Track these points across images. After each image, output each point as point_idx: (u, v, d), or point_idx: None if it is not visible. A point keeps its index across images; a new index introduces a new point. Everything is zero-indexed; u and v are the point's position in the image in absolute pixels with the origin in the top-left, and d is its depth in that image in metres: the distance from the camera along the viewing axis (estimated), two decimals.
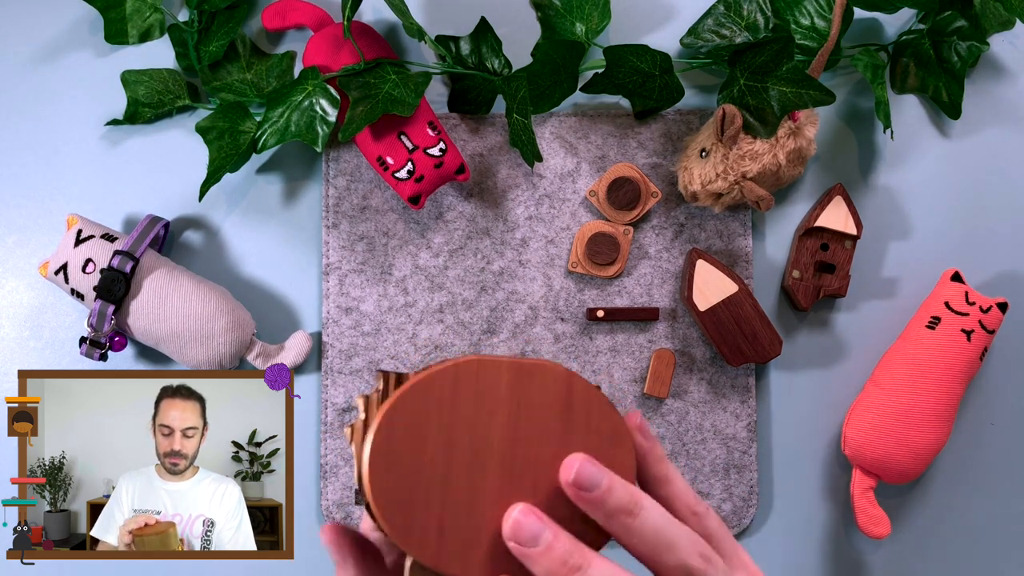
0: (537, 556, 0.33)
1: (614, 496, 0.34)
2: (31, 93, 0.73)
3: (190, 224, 0.73)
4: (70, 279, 0.66)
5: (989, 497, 0.71)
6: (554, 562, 0.33)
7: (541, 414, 0.34)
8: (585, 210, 0.72)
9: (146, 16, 0.73)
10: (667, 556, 0.34)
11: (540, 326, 0.71)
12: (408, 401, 0.33)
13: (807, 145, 0.67)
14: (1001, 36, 0.74)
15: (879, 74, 0.68)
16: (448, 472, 0.33)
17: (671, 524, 0.34)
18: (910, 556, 0.71)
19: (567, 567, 0.33)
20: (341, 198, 0.71)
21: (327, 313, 0.71)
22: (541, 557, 0.33)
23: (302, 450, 0.71)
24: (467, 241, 0.71)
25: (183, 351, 0.67)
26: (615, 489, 0.34)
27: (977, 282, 0.72)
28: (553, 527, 0.33)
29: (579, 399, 0.35)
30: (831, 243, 0.70)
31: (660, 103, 0.71)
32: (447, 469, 0.33)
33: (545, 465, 0.34)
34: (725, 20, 0.71)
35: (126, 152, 0.73)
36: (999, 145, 0.73)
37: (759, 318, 0.68)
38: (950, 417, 0.67)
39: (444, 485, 0.33)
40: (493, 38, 0.71)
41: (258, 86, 0.72)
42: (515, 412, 0.34)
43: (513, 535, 0.33)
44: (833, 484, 0.71)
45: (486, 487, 0.34)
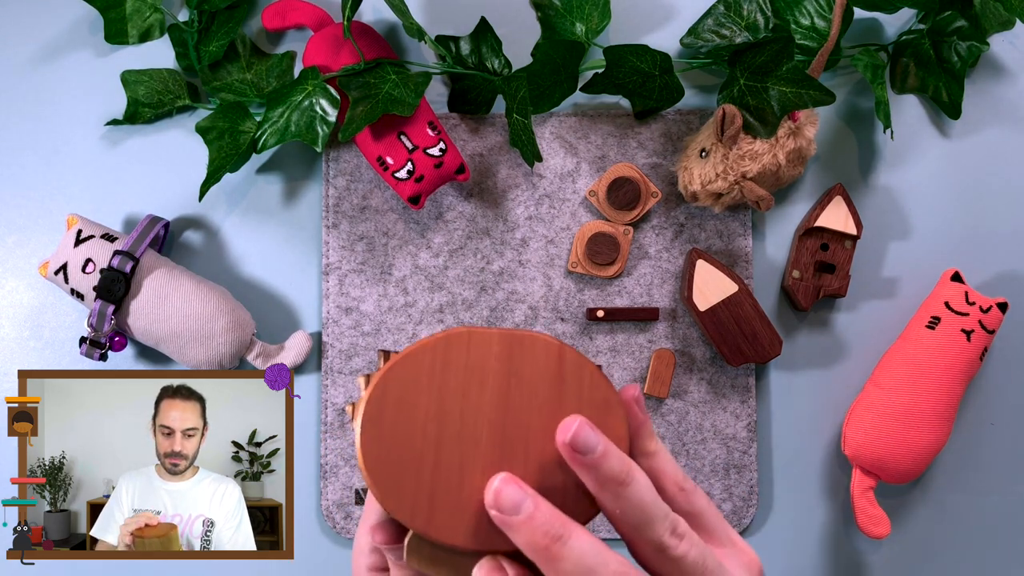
0: (518, 525, 0.33)
1: (608, 462, 0.33)
2: (31, 93, 0.73)
3: (190, 224, 0.73)
4: (70, 279, 0.66)
5: (989, 497, 0.71)
6: (535, 531, 0.33)
7: (532, 384, 0.35)
8: (585, 210, 0.72)
9: (146, 16, 0.73)
10: (646, 531, 0.34)
11: (540, 326, 0.71)
12: (399, 372, 0.34)
13: (807, 145, 0.67)
14: (1001, 36, 0.74)
15: (879, 74, 0.68)
16: (439, 442, 0.33)
17: (654, 500, 0.34)
18: (910, 556, 0.71)
19: (548, 536, 0.32)
20: (341, 198, 0.71)
21: (327, 313, 0.71)
22: (522, 526, 0.33)
23: (302, 450, 0.71)
24: (467, 241, 0.71)
25: (183, 351, 0.67)
26: (610, 455, 0.33)
27: (977, 282, 0.72)
28: (535, 496, 0.33)
29: (570, 369, 0.35)
30: (831, 243, 0.70)
31: (660, 103, 0.71)
32: (438, 439, 0.33)
33: (536, 435, 0.34)
34: (725, 20, 0.71)
35: (126, 152, 0.73)
36: (999, 145, 0.73)
37: (759, 318, 0.68)
38: (950, 417, 0.67)
39: (435, 454, 0.33)
40: (493, 38, 0.71)
41: (258, 86, 0.72)
42: (506, 382, 0.34)
43: (495, 503, 0.33)
44: (833, 484, 0.71)
45: (477, 456, 0.34)
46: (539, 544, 0.32)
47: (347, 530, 0.70)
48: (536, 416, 0.35)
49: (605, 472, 0.33)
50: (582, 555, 0.32)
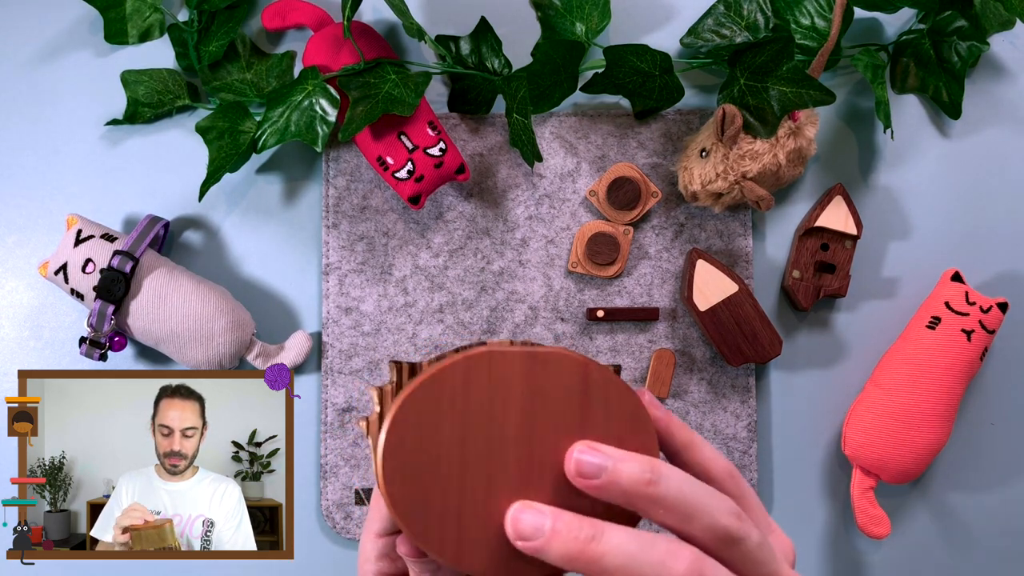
0: (546, 545, 0.32)
1: (625, 472, 0.32)
2: (31, 93, 0.73)
3: (190, 224, 0.73)
4: (70, 279, 0.66)
5: (989, 497, 0.71)
6: (565, 543, 0.31)
7: (557, 403, 0.34)
8: (585, 210, 0.72)
9: (146, 16, 0.73)
10: (698, 521, 0.32)
11: (540, 326, 0.71)
12: (419, 397, 0.33)
13: (807, 145, 0.67)
14: (1001, 36, 0.74)
15: (879, 74, 0.68)
16: (464, 468, 0.32)
17: (696, 487, 0.32)
18: (910, 556, 0.71)
19: (579, 541, 0.31)
20: (341, 198, 0.71)
21: (327, 313, 0.71)
22: (550, 544, 0.32)
23: (302, 450, 0.71)
24: (467, 241, 0.71)
25: (183, 351, 0.67)
26: (624, 465, 0.32)
27: (977, 282, 0.72)
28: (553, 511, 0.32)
29: (596, 385, 0.34)
30: (831, 243, 0.70)
31: (660, 103, 0.71)
32: (463, 465, 0.32)
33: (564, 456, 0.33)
34: (725, 20, 0.71)
35: (126, 152, 0.73)
36: (999, 145, 0.73)
37: (759, 318, 0.68)
38: (950, 417, 0.67)
39: (460, 481, 0.32)
40: (493, 38, 0.71)
41: (258, 86, 0.72)
42: (530, 403, 0.33)
43: (517, 535, 0.32)
44: (833, 484, 0.71)
45: (504, 482, 0.33)
46: (573, 552, 0.31)
47: (347, 530, 0.70)
48: (564, 436, 0.34)
49: (626, 483, 0.32)
50: (621, 545, 0.31)
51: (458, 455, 0.32)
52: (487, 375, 0.33)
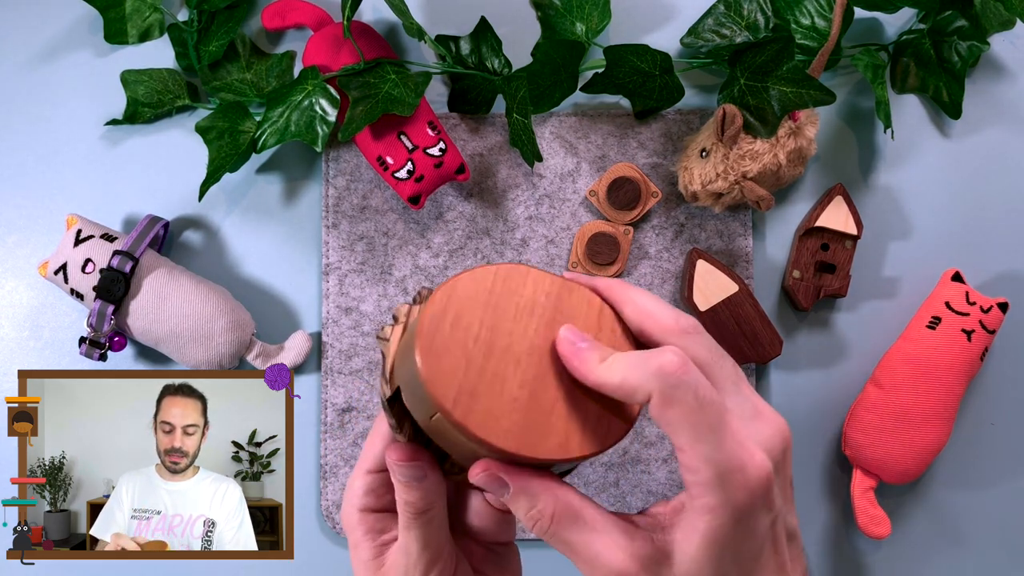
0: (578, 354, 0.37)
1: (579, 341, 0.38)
2: (31, 93, 0.73)
3: (190, 224, 0.73)
4: (70, 279, 0.66)
5: (989, 497, 0.71)
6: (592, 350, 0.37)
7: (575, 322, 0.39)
8: (585, 210, 0.71)
9: (146, 16, 0.73)
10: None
11: None
12: (465, 283, 0.38)
13: (807, 145, 0.67)
14: (1001, 36, 0.74)
15: (879, 74, 0.68)
16: (488, 350, 0.37)
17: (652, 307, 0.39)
18: (910, 556, 0.71)
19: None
20: (341, 198, 0.71)
21: (327, 313, 0.71)
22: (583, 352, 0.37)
23: (302, 450, 0.71)
24: (467, 241, 0.71)
25: (183, 351, 0.67)
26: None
27: (977, 282, 0.72)
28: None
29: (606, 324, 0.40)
30: (831, 243, 0.70)
31: (660, 103, 0.71)
32: (488, 348, 0.37)
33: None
34: (725, 20, 0.71)
35: (126, 152, 0.73)
36: (999, 145, 0.73)
37: (759, 318, 0.68)
38: (950, 417, 0.67)
39: (483, 360, 0.37)
40: (493, 38, 0.71)
41: (258, 86, 0.72)
42: (553, 318, 0.39)
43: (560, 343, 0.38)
44: (833, 484, 0.71)
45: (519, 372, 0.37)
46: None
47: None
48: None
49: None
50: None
51: (486, 338, 0.37)
52: (522, 285, 0.39)
